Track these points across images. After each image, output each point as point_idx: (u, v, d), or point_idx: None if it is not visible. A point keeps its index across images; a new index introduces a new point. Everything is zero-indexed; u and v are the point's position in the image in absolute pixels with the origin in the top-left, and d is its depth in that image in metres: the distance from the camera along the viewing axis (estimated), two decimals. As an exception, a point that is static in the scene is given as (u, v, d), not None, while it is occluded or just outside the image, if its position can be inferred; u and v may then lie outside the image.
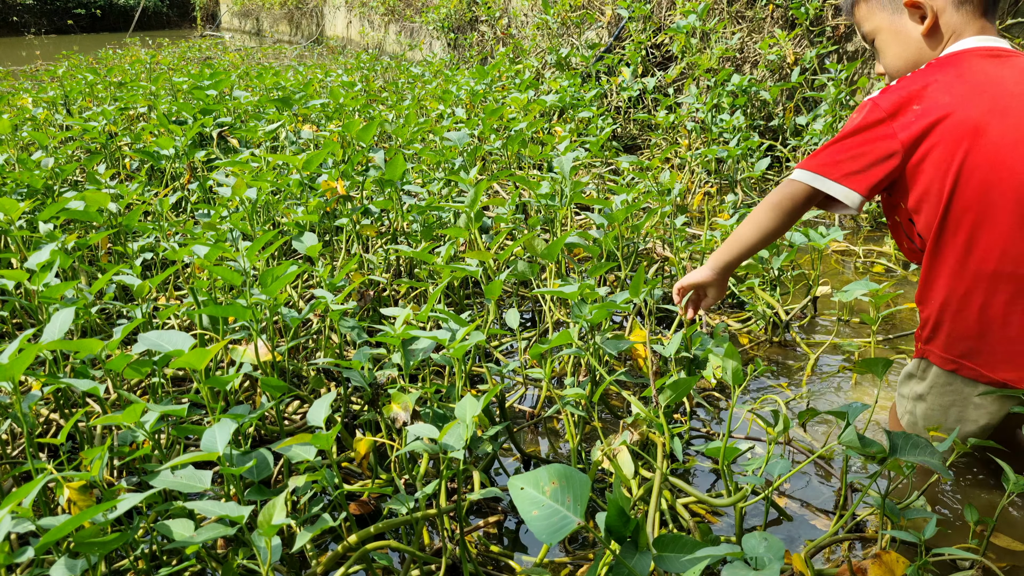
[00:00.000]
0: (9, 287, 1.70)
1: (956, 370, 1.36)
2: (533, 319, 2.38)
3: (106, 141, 3.25)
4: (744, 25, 4.72)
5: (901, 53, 1.39)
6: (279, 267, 1.56)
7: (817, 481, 1.64)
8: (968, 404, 1.37)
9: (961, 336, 1.32)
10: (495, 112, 3.30)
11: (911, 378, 1.47)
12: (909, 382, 1.48)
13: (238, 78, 5.69)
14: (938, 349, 1.37)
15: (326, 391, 1.79)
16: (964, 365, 1.34)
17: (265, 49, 11.83)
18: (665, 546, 0.84)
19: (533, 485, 0.83)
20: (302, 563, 1.36)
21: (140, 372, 1.38)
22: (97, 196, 1.98)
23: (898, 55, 1.40)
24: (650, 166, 2.92)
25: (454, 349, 1.38)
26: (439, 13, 8.44)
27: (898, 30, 1.38)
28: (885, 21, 1.39)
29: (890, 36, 1.39)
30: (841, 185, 1.32)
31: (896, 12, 1.37)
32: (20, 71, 8.89)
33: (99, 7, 21.09)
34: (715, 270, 1.55)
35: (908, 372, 1.48)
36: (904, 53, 1.38)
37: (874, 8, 1.40)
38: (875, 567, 1.14)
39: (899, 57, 1.40)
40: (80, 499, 1.13)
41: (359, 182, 2.45)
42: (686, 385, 1.30)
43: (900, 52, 1.39)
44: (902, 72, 1.40)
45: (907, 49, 1.38)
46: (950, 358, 1.35)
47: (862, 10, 1.43)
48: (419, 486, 1.30)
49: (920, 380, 1.44)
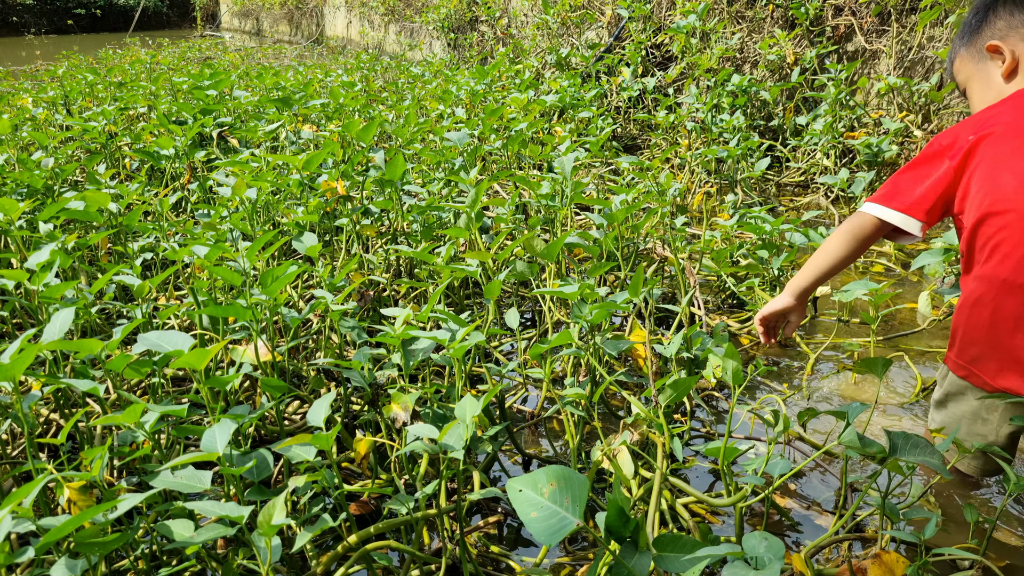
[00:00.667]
0: (9, 287, 1.70)
1: (966, 376, 1.40)
2: (533, 319, 2.38)
3: (106, 141, 3.25)
4: (744, 25, 4.72)
5: (985, 96, 1.47)
6: (279, 267, 1.56)
7: (817, 481, 1.64)
8: (977, 419, 1.41)
9: (971, 341, 1.37)
10: (495, 112, 3.30)
11: (938, 384, 1.52)
12: (936, 388, 1.53)
13: (238, 78, 5.69)
14: (953, 354, 1.43)
15: (326, 391, 1.79)
16: (973, 372, 1.39)
17: (265, 49, 11.83)
18: (665, 546, 0.84)
19: (531, 487, 0.83)
20: (302, 563, 1.36)
21: (140, 372, 1.38)
22: (97, 196, 1.98)
23: (983, 99, 1.47)
24: (650, 166, 2.92)
25: (454, 349, 1.38)
26: (439, 13, 8.44)
27: (983, 75, 1.46)
28: (973, 69, 1.48)
29: (977, 83, 1.48)
30: (901, 213, 1.41)
31: (981, 60, 1.45)
32: (20, 71, 8.90)
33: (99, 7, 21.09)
34: (795, 296, 1.63)
35: (938, 376, 1.53)
36: (987, 95, 1.46)
37: (965, 61, 1.49)
38: (875, 567, 1.14)
39: (983, 100, 1.48)
40: (80, 499, 1.13)
41: (359, 182, 2.45)
42: (686, 385, 1.30)
43: (984, 95, 1.47)
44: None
45: (990, 91, 1.45)
46: (962, 363, 1.40)
47: (956, 65, 1.53)
48: (419, 486, 1.30)
49: (938, 386, 1.49)
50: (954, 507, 1.52)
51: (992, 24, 1.42)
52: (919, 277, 2.71)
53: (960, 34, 1.51)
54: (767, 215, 2.43)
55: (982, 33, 1.44)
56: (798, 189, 3.93)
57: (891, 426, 1.84)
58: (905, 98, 3.60)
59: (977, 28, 1.45)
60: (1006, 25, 1.41)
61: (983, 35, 1.44)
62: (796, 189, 3.93)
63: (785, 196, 3.82)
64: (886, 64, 3.87)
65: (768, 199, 3.68)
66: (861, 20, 4.03)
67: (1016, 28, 1.39)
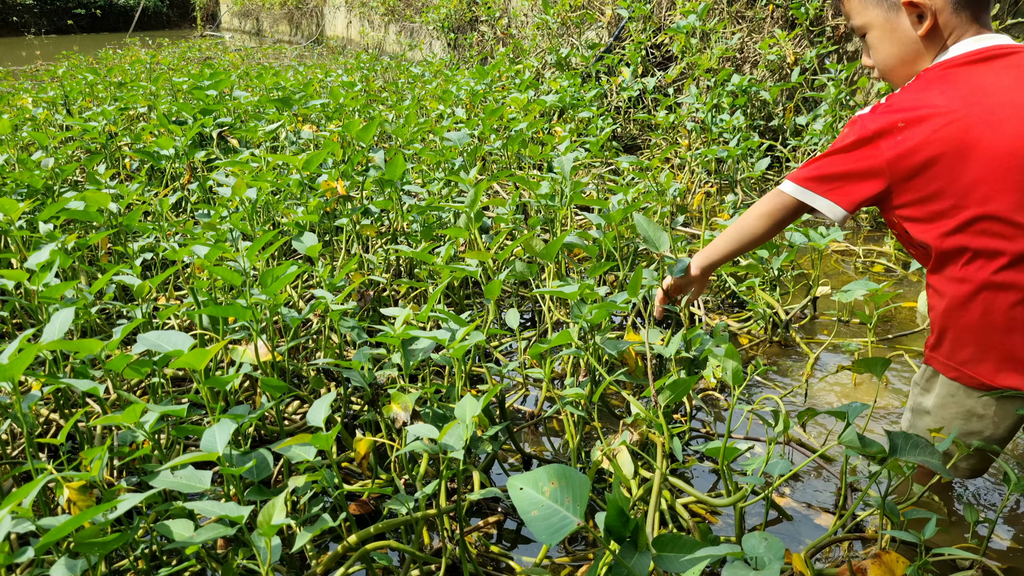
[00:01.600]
0: (9, 287, 1.70)
1: (957, 378, 1.33)
2: (533, 319, 2.38)
3: (106, 141, 3.25)
4: (744, 25, 4.72)
5: (896, 52, 1.35)
6: (279, 267, 1.56)
7: (817, 481, 1.64)
8: (972, 417, 1.35)
9: (963, 343, 1.31)
10: (495, 112, 3.30)
11: (915, 386, 1.44)
12: (913, 391, 1.45)
13: (238, 78, 5.69)
14: (942, 356, 1.35)
15: (326, 391, 1.79)
16: (964, 373, 1.32)
17: (265, 49, 11.83)
18: (664, 546, 0.84)
19: (532, 485, 0.83)
20: (302, 563, 1.36)
21: (140, 372, 1.38)
22: (97, 196, 1.98)
23: (892, 54, 1.36)
24: (650, 166, 2.92)
25: (454, 349, 1.38)
26: (439, 13, 8.44)
27: (894, 28, 1.33)
28: (880, 18, 1.34)
29: (884, 33, 1.35)
30: (826, 199, 1.34)
31: (892, 9, 1.32)
32: (20, 71, 8.89)
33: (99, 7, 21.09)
34: (700, 269, 1.59)
35: (914, 380, 1.45)
36: (900, 52, 1.35)
37: (867, 2, 1.35)
38: (875, 567, 1.14)
39: (893, 56, 1.36)
40: (80, 499, 1.13)
41: (359, 182, 2.45)
42: (685, 385, 1.30)
43: (895, 51, 1.35)
44: (894, 69, 1.38)
45: (903, 49, 1.34)
46: (953, 365, 1.34)
47: (853, 2, 1.38)
48: (419, 486, 1.30)
49: (924, 391, 1.41)
50: (954, 507, 1.52)
51: None
52: (919, 277, 2.71)
53: None
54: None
55: None
56: (798, 189, 3.92)
57: (891, 426, 1.84)
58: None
59: None
60: None
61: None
62: (796, 189, 3.93)
63: (785, 196, 3.82)
64: (886, 64, 3.87)
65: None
66: (861, 20, 4.03)
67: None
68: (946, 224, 1.26)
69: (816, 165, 1.36)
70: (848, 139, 1.31)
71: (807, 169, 1.37)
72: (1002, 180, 1.20)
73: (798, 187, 1.38)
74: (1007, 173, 1.20)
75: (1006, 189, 1.20)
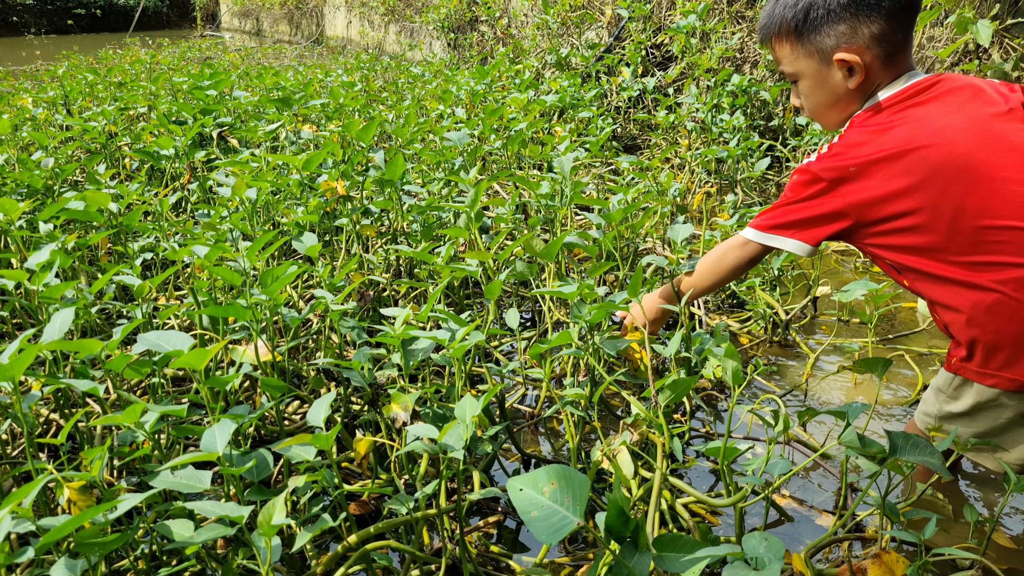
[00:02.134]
0: (9, 287, 1.70)
1: (996, 384, 1.31)
2: (533, 319, 2.38)
3: (106, 141, 3.25)
4: (744, 25, 4.72)
5: (827, 101, 1.40)
6: (279, 267, 1.56)
7: (817, 481, 1.64)
8: (1012, 415, 1.32)
9: (997, 347, 1.28)
10: (495, 112, 3.30)
11: (940, 393, 1.41)
12: (936, 398, 1.42)
13: (238, 78, 5.69)
14: (976, 366, 1.32)
15: (326, 391, 1.79)
16: (1004, 377, 1.29)
17: (265, 49, 11.83)
18: (664, 546, 0.84)
19: (532, 486, 0.83)
20: (302, 563, 1.36)
21: (140, 372, 1.38)
22: (97, 196, 1.98)
23: (823, 102, 1.41)
24: (650, 166, 2.92)
25: (454, 349, 1.38)
26: (439, 13, 8.44)
27: (825, 79, 1.37)
28: (811, 69, 1.38)
29: (815, 84, 1.39)
30: (793, 239, 1.40)
31: (823, 63, 1.36)
32: (20, 71, 8.89)
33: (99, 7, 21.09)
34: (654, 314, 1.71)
35: (936, 387, 1.42)
36: (830, 101, 1.40)
37: (800, 54, 1.38)
38: (875, 567, 1.14)
39: (824, 104, 1.41)
40: (80, 499, 1.13)
41: (359, 182, 2.45)
42: (685, 385, 1.30)
43: (826, 100, 1.40)
44: (824, 115, 1.43)
45: (834, 97, 1.38)
46: (990, 372, 1.31)
47: (785, 50, 1.41)
48: (419, 486, 1.30)
49: (952, 398, 1.38)
50: (954, 507, 1.52)
51: (834, 26, 1.31)
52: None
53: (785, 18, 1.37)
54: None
55: (821, 31, 1.33)
56: (798, 189, 3.93)
57: (892, 425, 1.84)
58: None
59: (814, 26, 1.33)
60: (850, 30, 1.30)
61: (823, 34, 1.33)
62: (796, 189, 3.93)
63: (785, 196, 3.82)
64: (886, 64, 3.87)
65: (768, 199, 3.68)
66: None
67: (861, 33, 1.30)
68: (948, 244, 1.26)
69: (777, 213, 1.42)
70: (806, 191, 1.36)
71: (769, 216, 1.43)
72: (994, 189, 1.22)
73: (763, 233, 1.44)
74: (995, 183, 1.22)
75: (998, 195, 1.22)
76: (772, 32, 1.41)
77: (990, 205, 1.22)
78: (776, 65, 1.47)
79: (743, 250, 1.51)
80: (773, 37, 1.42)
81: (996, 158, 1.24)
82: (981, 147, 1.25)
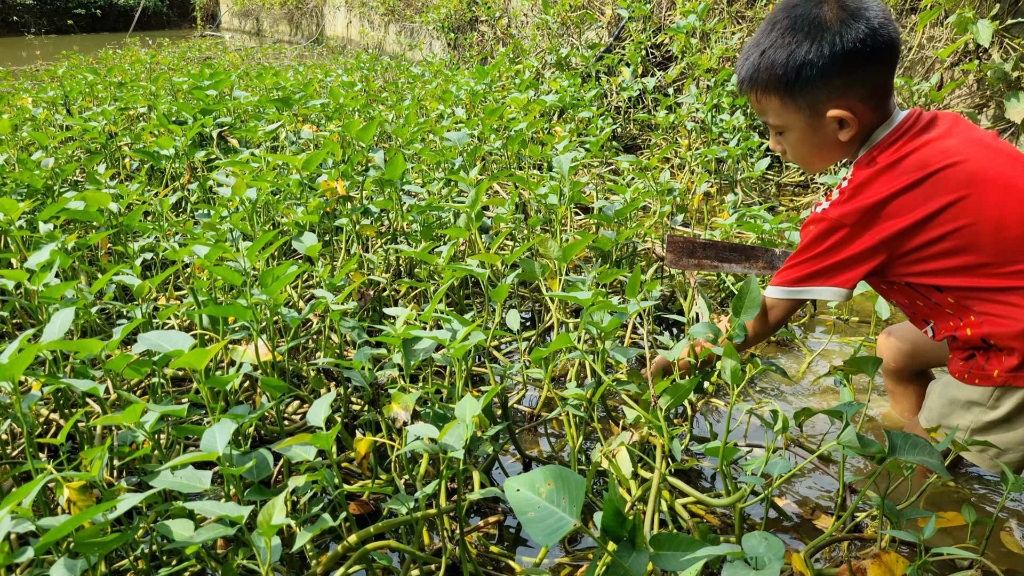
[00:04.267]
0: (9, 287, 1.70)
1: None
2: (532, 318, 2.38)
3: (106, 141, 3.25)
4: (744, 25, 4.72)
5: (816, 152, 1.40)
6: (279, 267, 1.56)
7: (817, 481, 1.64)
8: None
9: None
10: (495, 112, 3.31)
11: (972, 407, 1.38)
12: (970, 412, 1.38)
13: (238, 78, 5.69)
14: (1005, 370, 1.30)
15: (326, 391, 1.79)
16: None
17: (265, 49, 11.83)
18: (662, 544, 0.84)
19: (529, 487, 0.83)
20: (302, 563, 1.36)
21: (140, 372, 1.38)
22: (97, 196, 1.98)
23: (812, 154, 1.40)
24: (650, 166, 2.92)
25: (455, 349, 1.38)
26: (439, 13, 8.44)
27: (815, 132, 1.36)
28: (800, 123, 1.36)
29: (804, 136, 1.37)
30: (826, 287, 1.36)
31: (814, 116, 1.33)
32: (20, 71, 8.90)
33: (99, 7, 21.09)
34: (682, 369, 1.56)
35: (968, 400, 1.38)
36: (820, 152, 1.39)
37: (789, 108, 1.35)
38: (875, 567, 1.14)
39: (813, 155, 1.41)
40: (80, 499, 1.13)
41: (359, 182, 2.45)
42: (685, 390, 1.30)
43: (815, 152, 1.39)
44: (811, 163, 1.43)
45: (823, 148, 1.38)
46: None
47: (773, 104, 1.36)
48: (419, 486, 1.31)
49: (991, 408, 1.35)
50: (954, 507, 1.52)
51: (828, 82, 1.28)
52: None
53: (774, 74, 1.32)
54: (766, 214, 2.43)
55: (814, 87, 1.29)
56: (798, 189, 3.93)
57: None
58: (905, 98, 3.60)
59: (806, 83, 1.30)
60: (844, 84, 1.28)
61: (816, 90, 1.30)
62: (796, 189, 3.94)
63: (785, 196, 3.82)
64: (886, 64, 3.87)
65: (768, 199, 3.68)
66: (861, 20, 4.03)
67: (854, 87, 1.29)
68: (997, 256, 1.25)
69: (802, 266, 1.37)
70: (829, 239, 1.33)
71: (793, 271, 1.39)
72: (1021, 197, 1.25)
73: (791, 288, 1.40)
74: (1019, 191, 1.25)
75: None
76: (759, 86, 1.36)
77: (1018, 215, 1.24)
78: (757, 113, 1.43)
79: (771, 314, 1.45)
80: (759, 90, 1.37)
81: (1007, 169, 1.26)
82: (990, 160, 1.26)
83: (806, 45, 1.28)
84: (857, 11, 1.27)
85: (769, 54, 1.32)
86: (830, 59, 1.26)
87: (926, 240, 1.27)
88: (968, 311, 1.31)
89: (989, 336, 1.30)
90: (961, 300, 1.31)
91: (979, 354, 1.34)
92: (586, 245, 1.97)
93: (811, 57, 1.27)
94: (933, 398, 1.46)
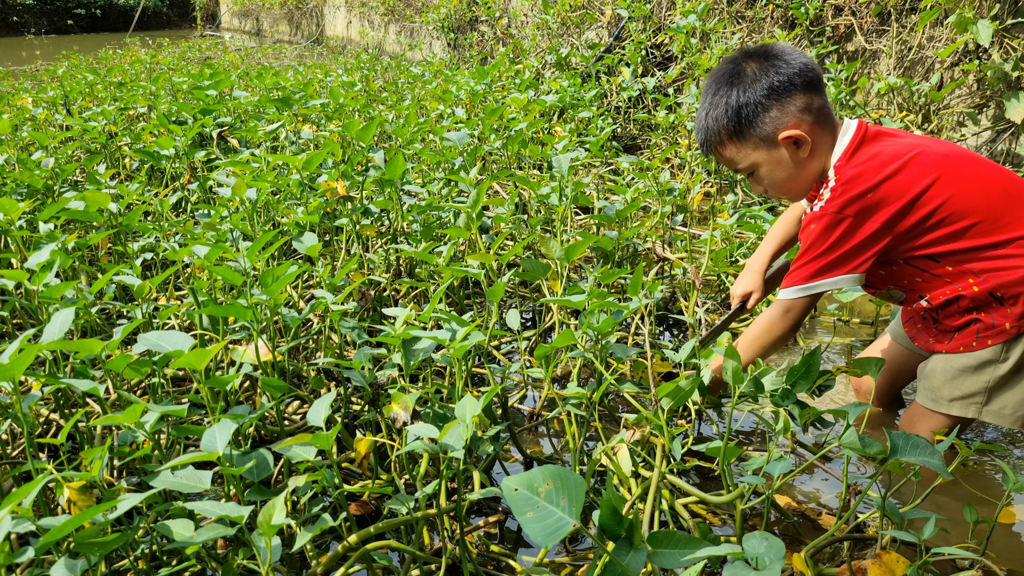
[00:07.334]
0: (9, 287, 1.70)
1: None
2: (533, 318, 2.38)
3: (106, 141, 3.25)
4: (744, 25, 4.72)
5: (790, 176, 1.51)
6: (279, 267, 1.56)
7: (818, 481, 1.64)
8: None
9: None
10: (495, 112, 3.30)
11: (984, 368, 1.44)
12: (981, 375, 1.44)
13: (238, 78, 5.69)
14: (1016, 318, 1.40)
15: (326, 391, 1.79)
16: None
17: (265, 49, 11.83)
18: (660, 543, 0.84)
19: (527, 487, 0.83)
20: (302, 563, 1.36)
21: (140, 372, 1.38)
22: (97, 196, 1.98)
23: (787, 179, 1.51)
24: (650, 166, 2.92)
25: (454, 349, 1.38)
26: (439, 13, 8.44)
27: (779, 159, 1.49)
28: (763, 156, 1.49)
29: (772, 167, 1.50)
30: (841, 275, 1.45)
31: (771, 146, 1.47)
32: (20, 71, 8.89)
33: (99, 7, 21.09)
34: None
35: (979, 362, 1.44)
36: (793, 175, 1.50)
37: (746, 148, 1.50)
38: (875, 567, 1.14)
39: (789, 180, 1.51)
40: (80, 499, 1.13)
41: (359, 182, 2.45)
42: (687, 391, 1.30)
43: (788, 175, 1.51)
44: (791, 188, 1.53)
45: (795, 171, 1.49)
46: None
47: (732, 152, 1.52)
48: (419, 486, 1.30)
49: (1002, 363, 1.42)
50: (954, 507, 1.52)
51: (766, 114, 1.44)
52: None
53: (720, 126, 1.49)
54: (766, 214, 2.43)
55: (757, 123, 1.45)
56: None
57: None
58: (905, 98, 3.60)
59: (749, 121, 1.46)
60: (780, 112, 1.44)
61: (760, 125, 1.45)
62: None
63: (785, 196, 3.82)
64: (886, 64, 3.87)
65: (767, 199, 3.67)
66: (861, 20, 4.03)
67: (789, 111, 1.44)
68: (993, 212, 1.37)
69: (812, 263, 1.47)
70: (834, 232, 1.43)
71: (802, 270, 1.48)
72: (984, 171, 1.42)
73: (806, 286, 1.48)
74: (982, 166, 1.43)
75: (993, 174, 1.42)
76: (714, 143, 1.52)
77: (994, 180, 1.40)
78: (728, 168, 1.60)
79: (788, 316, 1.52)
80: (716, 147, 1.53)
81: (956, 148, 1.45)
82: (940, 145, 1.44)
83: (736, 93, 1.46)
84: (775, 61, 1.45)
85: (712, 114, 1.50)
86: (761, 94, 1.44)
87: (922, 215, 1.38)
88: (967, 275, 1.41)
89: (996, 288, 1.39)
90: (959, 267, 1.41)
91: (982, 315, 1.42)
92: (588, 246, 1.96)
93: (743, 99, 1.45)
94: (936, 376, 1.51)
